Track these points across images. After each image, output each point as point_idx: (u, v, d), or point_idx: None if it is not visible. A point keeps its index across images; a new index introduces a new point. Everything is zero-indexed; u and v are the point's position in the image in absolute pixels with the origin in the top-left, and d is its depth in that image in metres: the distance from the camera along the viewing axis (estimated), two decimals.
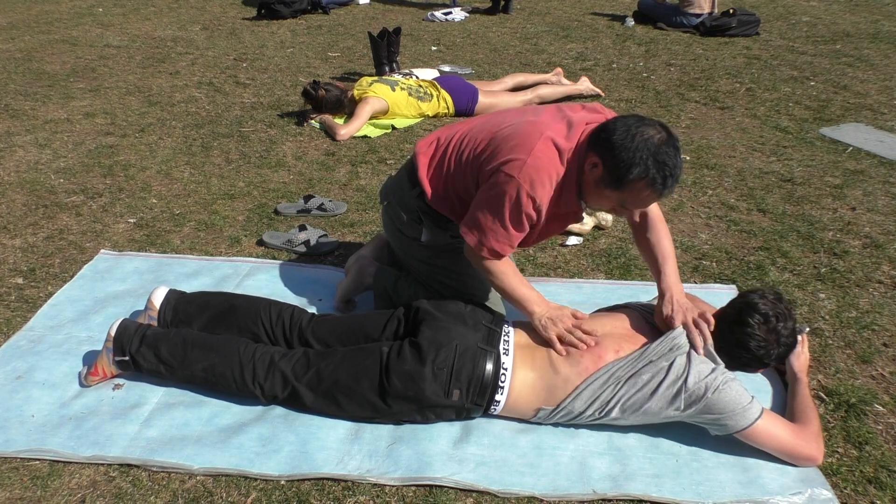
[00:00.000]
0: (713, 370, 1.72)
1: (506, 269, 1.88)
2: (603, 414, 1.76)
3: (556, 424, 1.84)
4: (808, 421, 1.75)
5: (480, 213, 1.81)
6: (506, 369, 1.78)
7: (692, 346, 1.75)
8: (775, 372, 2.04)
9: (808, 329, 2.07)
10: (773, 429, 1.70)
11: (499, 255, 1.85)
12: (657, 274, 1.93)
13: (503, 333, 1.86)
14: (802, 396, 1.84)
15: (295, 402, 1.86)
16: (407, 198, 2.06)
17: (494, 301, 2.13)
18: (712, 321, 1.79)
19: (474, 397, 1.77)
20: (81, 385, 1.98)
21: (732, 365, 1.79)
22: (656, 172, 1.63)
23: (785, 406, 1.89)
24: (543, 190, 1.75)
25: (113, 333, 1.94)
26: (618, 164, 1.65)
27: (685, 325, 1.79)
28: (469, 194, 1.91)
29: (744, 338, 1.76)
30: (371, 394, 1.78)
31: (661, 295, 1.87)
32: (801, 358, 1.95)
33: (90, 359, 2.07)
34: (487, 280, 1.92)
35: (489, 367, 1.77)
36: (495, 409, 1.81)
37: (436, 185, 1.98)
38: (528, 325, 1.89)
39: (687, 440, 1.80)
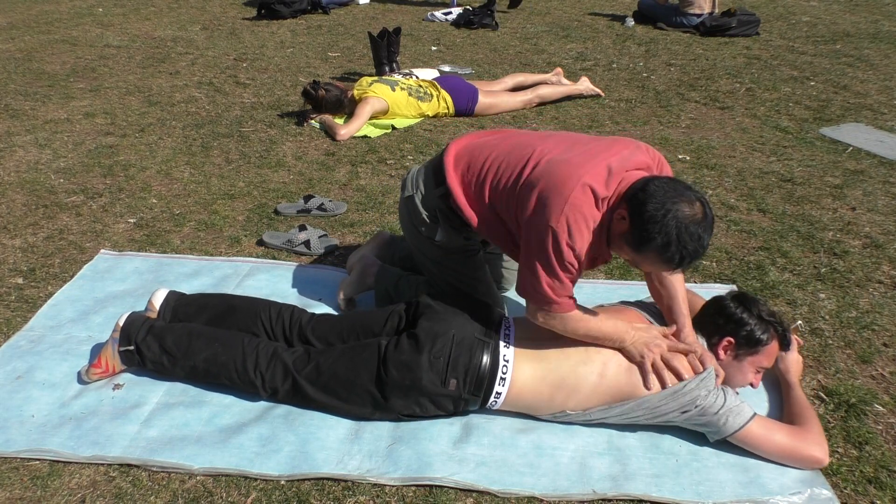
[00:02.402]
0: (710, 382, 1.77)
1: (580, 315, 1.79)
2: (619, 419, 1.81)
3: (560, 423, 1.84)
4: (807, 423, 1.75)
5: (531, 272, 1.73)
6: (507, 361, 1.79)
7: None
8: (774, 380, 2.03)
9: (799, 323, 2.07)
10: (770, 432, 1.71)
11: (567, 306, 1.76)
12: (672, 321, 1.91)
13: (504, 327, 1.87)
14: (799, 399, 1.84)
15: (295, 396, 1.87)
16: (430, 195, 2.03)
17: (499, 303, 2.13)
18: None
19: (471, 388, 1.78)
20: (82, 381, 1.98)
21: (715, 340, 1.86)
22: (675, 251, 1.60)
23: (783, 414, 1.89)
24: (581, 238, 1.70)
25: (121, 324, 1.96)
26: (641, 232, 1.62)
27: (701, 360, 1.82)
28: (499, 217, 1.87)
29: (717, 306, 1.88)
30: (370, 385, 1.79)
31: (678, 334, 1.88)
32: (786, 360, 1.94)
33: (92, 355, 2.08)
34: (567, 334, 1.81)
35: (486, 357, 1.77)
36: (497, 402, 1.81)
37: (471, 202, 1.92)
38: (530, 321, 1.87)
39: (687, 440, 1.81)
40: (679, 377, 1.75)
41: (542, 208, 1.70)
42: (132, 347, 1.92)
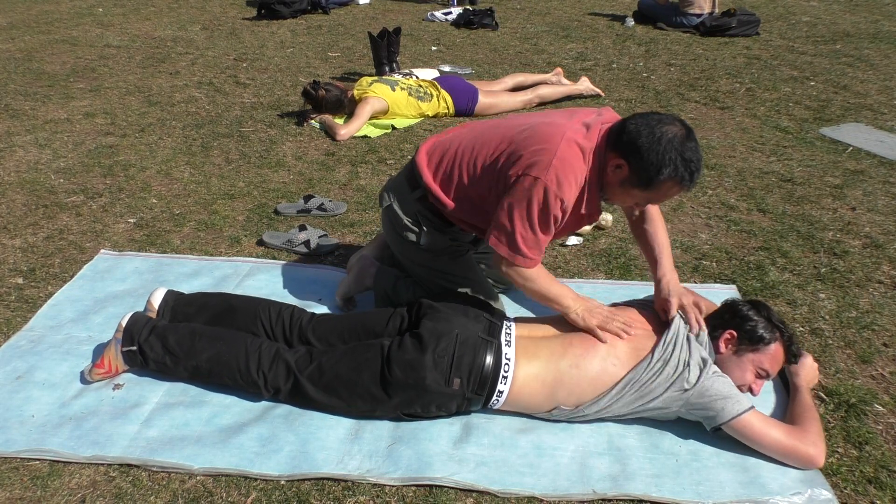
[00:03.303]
0: (709, 362, 1.77)
1: (538, 272, 1.87)
2: (613, 408, 1.80)
3: (559, 422, 1.85)
4: (807, 423, 1.75)
5: (509, 220, 1.78)
6: (508, 359, 1.79)
7: (689, 325, 1.85)
8: (779, 381, 2.03)
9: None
10: (766, 426, 1.71)
11: (531, 262, 1.82)
12: (653, 263, 2.01)
13: (504, 326, 1.87)
14: (803, 402, 1.83)
15: (297, 396, 1.87)
16: (407, 200, 2.05)
17: (495, 301, 2.13)
18: (703, 308, 1.90)
19: (475, 387, 1.78)
20: (84, 381, 1.98)
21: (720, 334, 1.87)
22: (684, 170, 1.67)
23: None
24: (570, 190, 1.74)
25: (124, 324, 1.96)
26: (647, 167, 1.68)
27: (682, 308, 1.88)
28: (484, 199, 1.89)
29: (728, 305, 1.91)
30: (372, 385, 1.79)
31: (658, 281, 1.96)
32: (804, 368, 1.93)
33: (93, 356, 2.08)
34: (520, 286, 1.89)
35: (489, 357, 1.78)
36: (498, 400, 1.81)
37: (450, 192, 1.95)
38: (530, 320, 1.90)
39: (687, 440, 1.81)
40: (619, 336, 1.82)
41: (530, 165, 1.74)
42: (135, 348, 1.92)
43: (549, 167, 1.71)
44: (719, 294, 2.35)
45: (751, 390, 1.84)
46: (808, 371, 1.93)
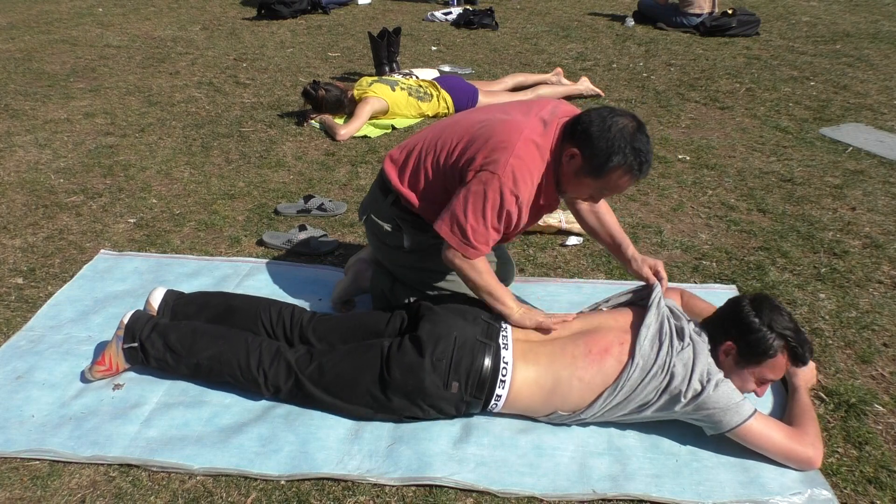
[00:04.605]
0: (713, 371, 1.73)
1: (483, 267, 1.89)
2: (612, 412, 1.78)
3: (560, 424, 1.84)
4: (805, 424, 1.75)
5: (461, 211, 1.81)
6: (506, 363, 1.79)
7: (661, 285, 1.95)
8: (779, 381, 2.02)
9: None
10: (768, 430, 1.71)
11: (478, 254, 1.85)
12: (617, 248, 2.10)
13: (502, 329, 1.87)
14: (801, 402, 1.83)
15: (297, 396, 1.87)
16: (382, 208, 2.08)
17: None
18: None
19: (473, 390, 1.78)
20: (85, 379, 1.98)
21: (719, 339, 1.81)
22: (633, 159, 1.72)
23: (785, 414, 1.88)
24: (526, 187, 1.79)
25: (126, 321, 1.96)
26: (597, 154, 1.73)
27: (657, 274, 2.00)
28: (449, 195, 1.91)
29: (732, 305, 1.84)
30: (372, 387, 1.79)
31: (632, 261, 2.05)
32: (804, 371, 1.92)
33: (94, 355, 2.08)
34: (465, 276, 1.90)
35: (488, 360, 1.78)
36: (497, 404, 1.81)
37: (417, 192, 1.99)
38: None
39: (687, 440, 1.80)
40: (564, 321, 1.89)
41: (488, 162, 1.78)
42: (136, 344, 1.93)
43: (507, 165, 1.76)
44: (719, 294, 2.35)
45: (755, 393, 1.81)
46: (806, 371, 1.92)
